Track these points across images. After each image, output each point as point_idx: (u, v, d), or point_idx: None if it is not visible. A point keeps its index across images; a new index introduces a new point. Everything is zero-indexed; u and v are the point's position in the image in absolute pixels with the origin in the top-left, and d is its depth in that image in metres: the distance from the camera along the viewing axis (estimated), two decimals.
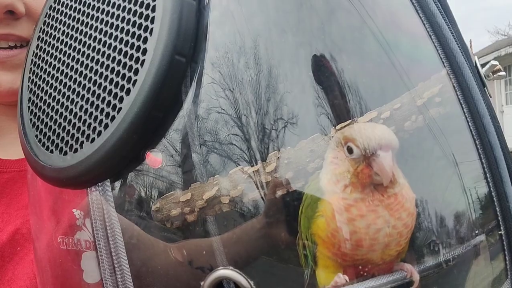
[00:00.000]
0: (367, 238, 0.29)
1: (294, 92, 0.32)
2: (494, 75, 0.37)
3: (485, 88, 0.36)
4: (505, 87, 10.59)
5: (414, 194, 0.30)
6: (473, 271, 0.34)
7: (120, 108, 0.31)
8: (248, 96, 0.32)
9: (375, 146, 0.30)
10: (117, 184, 0.34)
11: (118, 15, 0.33)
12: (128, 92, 0.31)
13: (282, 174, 0.30)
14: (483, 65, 0.38)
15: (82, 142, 0.33)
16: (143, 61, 0.31)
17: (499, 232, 0.31)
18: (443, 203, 0.32)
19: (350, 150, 0.30)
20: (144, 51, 0.31)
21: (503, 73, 0.38)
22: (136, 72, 0.31)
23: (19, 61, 0.56)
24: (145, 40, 0.31)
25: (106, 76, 0.33)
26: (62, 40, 0.37)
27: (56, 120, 0.36)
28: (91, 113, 0.33)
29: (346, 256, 0.29)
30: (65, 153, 0.34)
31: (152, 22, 0.31)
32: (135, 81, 0.31)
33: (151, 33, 0.31)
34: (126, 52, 0.32)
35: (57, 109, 0.36)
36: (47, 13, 0.40)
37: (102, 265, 0.35)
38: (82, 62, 0.35)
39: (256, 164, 0.31)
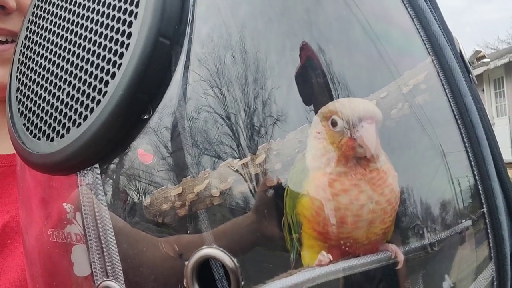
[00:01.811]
0: (351, 214, 0.29)
1: (281, 85, 0.32)
2: (479, 62, 0.38)
3: (470, 75, 0.36)
4: (495, 99, 10.70)
5: (396, 173, 0.30)
6: (459, 255, 0.34)
7: (105, 92, 0.31)
8: (235, 91, 0.32)
9: (359, 118, 0.30)
10: (108, 177, 0.34)
11: (104, 1, 0.33)
12: (113, 76, 0.31)
13: (271, 165, 0.31)
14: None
15: (69, 127, 0.33)
16: (128, 44, 0.31)
17: (481, 210, 0.31)
18: (428, 187, 0.33)
19: (334, 123, 0.30)
20: (129, 35, 0.31)
21: (487, 60, 0.38)
22: (121, 56, 0.31)
23: (10, 55, 0.56)
24: (130, 24, 0.31)
25: (92, 62, 0.33)
26: (50, 29, 0.38)
27: (43, 107, 0.36)
28: (78, 98, 0.33)
29: (331, 234, 0.29)
30: (52, 139, 0.34)
31: (136, 6, 0.31)
32: (120, 64, 0.31)
33: (135, 17, 0.31)
34: (112, 37, 0.32)
35: (44, 97, 0.36)
36: (35, 3, 0.40)
37: (92, 258, 0.35)
38: (69, 49, 0.35)
39: (246, 157, 0.31)
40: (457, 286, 0.33)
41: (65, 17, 0.37)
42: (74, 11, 0.36)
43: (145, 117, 0.33)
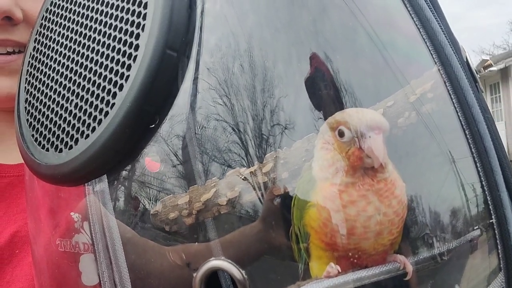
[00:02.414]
0: (359, 225, 0.29)
1: (288, 94, 0.32)
2: (485, 70, 0.38)
3: (477, 84, 0.36)
4: (491, 104, 10.74)
5: (404, 183, 0.30)
6: (468, 266, 0.34)
7: (113, 104, 0.32)
8: (243, 100, 0.32)
9: (366, 128, 0.30)
10: (115, 187, 0.35)
11: (112, 14, 0.34)
12: (121, 87, 0.31)
13: (278, 174, 0.31)
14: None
15: (77, 139, 0.34)
16: (136, 57, 0.31)
17: (490, 221, 0.31)
18: (436, 196, 0.32)
19: (341, 134, 0.30)
20: (137, 47, 0.31)
21: (494, 68, 0.38)
22: (129, 68, 0.31)
23: (17, 66, 0.57)
24: (137, 37, 0.31)
25: (100, 74, 0.33)
26: (58, 40, 0.38)
27: (51, 118, 0.36)
28: (86, 110, 0.33)
29: (338, 245, 0.29)
30: (60, 151, 0.35)
31: (144, 18, 0.31)
32: (128, 76, 0.31)
33: (143, 29, 0.31)
34: (119, 49, 0.32)
35: (53, 108, 0.36)
36: (43, 15, 0.40)
37: (100, 268, 0.35)
38: (77, 61, 0.35)
39: (253, 165, 0.31)
40: None
41: (73, 28, 0.37)
42: (82, 22, 0.36)
43: (152, 126, 0.33)
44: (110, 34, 0.34)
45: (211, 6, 0.33)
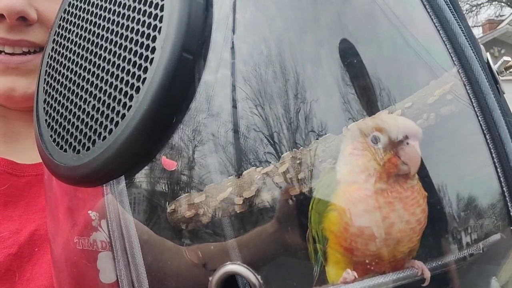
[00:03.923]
0: (382, 232, 0.29)
1: (306, 94, 0.32)
2: (507, 71, 0.37)
3: (498, 85, 0.35)
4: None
5: (426, 193, 0.30)
6: (488, 272, 0.33)
7: (130, 106, 0.32)
8: (260, 97, 0.32)
9: (403, 135, 0.29)
10: (133, 186, 0.35)
11: (129, 16, 0.34)
12: (138, 90, 0.32)
13: (294, 174, 0.30)
14: None
15: (94, 140, 0.34)
16: (152, 59, 0.31)
17: (510, 228, 0.31)
18: (455, 202, 0.32)
19: (375, 140, 0.30)
20: (153, 50, 0.31)
21: None
22: (146, 70, 0.31)
23: (33, 66, 0.57)
24: (154, 39, 0.31)
25: (117, 76, 0.33)
26: (76, 42, 0.38)
27: (69, 120, 0.36)
28: (103, 112, 0.34)
29: (358, 251, 0.29)
30: (78, 152, 0.35)
31: (160, 21, 0.31)
32: (145, 79, 0.31)
33: (159, 31, 0.31)
34: (136, 51, 0.32)
35: (71, 109, 0.36)
36: (61, 16, 0.41)
37: (118, 265, 0.35)
38: (94, 62, 0.36)
39: (269, 165, 0.31)
40: None
41: (90, 29, 0.37)
42: (99, 24, 0.36)
43: (169, 128, 0.33)
44: (126, 36, 0.34)
45: (241, 16, 0.33)
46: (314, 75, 0.33)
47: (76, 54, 0.38)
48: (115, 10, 0.35)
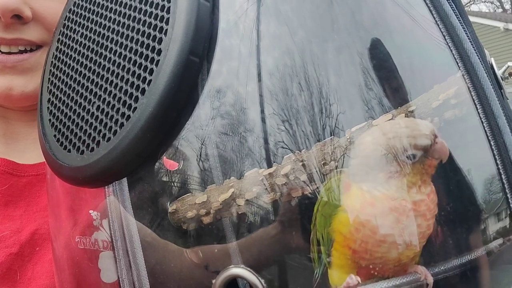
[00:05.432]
0: (395, 234, 0.29)
1: (307, 95, 0.32)
2: (510, 77, 0.37)
3: (502, 91, 0.35)
4: None
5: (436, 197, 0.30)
6: (494, 276, 0.33)
7: (135, 108, 0.32)
8: (263, 98, 0.32)
9: (431, 139, 0.30)
10: (134, 185, 0.35)
11: (135, 17, 0.34)
12: (143, 92, 0.31)
13: (297, 176, 0.30)
14: None
15: (99, 141, 0.34)
16: (158, 61, 0.31)
17: None
18: (459, 208, 0.32)
19: (411, 157, 0.30)
20: (159, 52, 0.31)
21: None
22: (151, 72, 0.31)
23: (30, 65, 0.57)
24: (160, 41, 0.31)
25: (122, 77, 0.33)
26: (81, 42, 0.38)
27: (74, 120, 0.36)
28: (108, 112, 0.34)
29: (366, 253, 0.29)
30: (82, 152, 0.35)
31: (166, 23, 0.31)
32: (150, 81, 0.31)
33: (165, 34, 0.31)
34: (142, 53, 0.32)
35: (75, 110, 0.36)
36: (66, 15, 0.41)
37: (119, 265, 0.35)
38: (100, 63, 0.35)
39: (271, 167, 0.31)
40: None
41: (95, 30, 0.37)
42: (105, 24, 0.36)
43: (174, 130, 0.33)
44: (132, 37, 0.34)
45: (265, 28, 0.33)
46: (314, 75, 0.33)
47: (81, 54, 0.38)
48: (121, 11, 0.35)
